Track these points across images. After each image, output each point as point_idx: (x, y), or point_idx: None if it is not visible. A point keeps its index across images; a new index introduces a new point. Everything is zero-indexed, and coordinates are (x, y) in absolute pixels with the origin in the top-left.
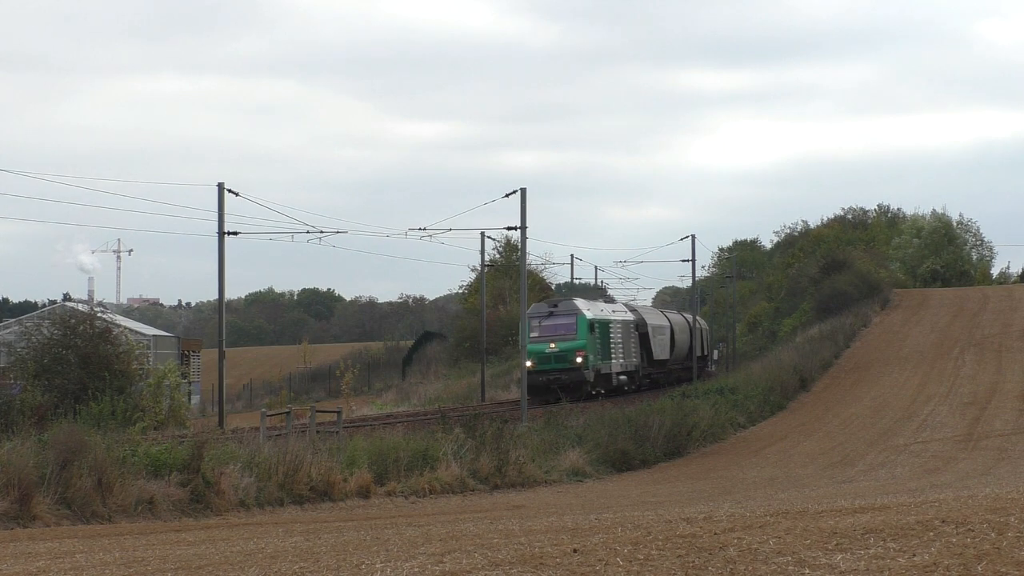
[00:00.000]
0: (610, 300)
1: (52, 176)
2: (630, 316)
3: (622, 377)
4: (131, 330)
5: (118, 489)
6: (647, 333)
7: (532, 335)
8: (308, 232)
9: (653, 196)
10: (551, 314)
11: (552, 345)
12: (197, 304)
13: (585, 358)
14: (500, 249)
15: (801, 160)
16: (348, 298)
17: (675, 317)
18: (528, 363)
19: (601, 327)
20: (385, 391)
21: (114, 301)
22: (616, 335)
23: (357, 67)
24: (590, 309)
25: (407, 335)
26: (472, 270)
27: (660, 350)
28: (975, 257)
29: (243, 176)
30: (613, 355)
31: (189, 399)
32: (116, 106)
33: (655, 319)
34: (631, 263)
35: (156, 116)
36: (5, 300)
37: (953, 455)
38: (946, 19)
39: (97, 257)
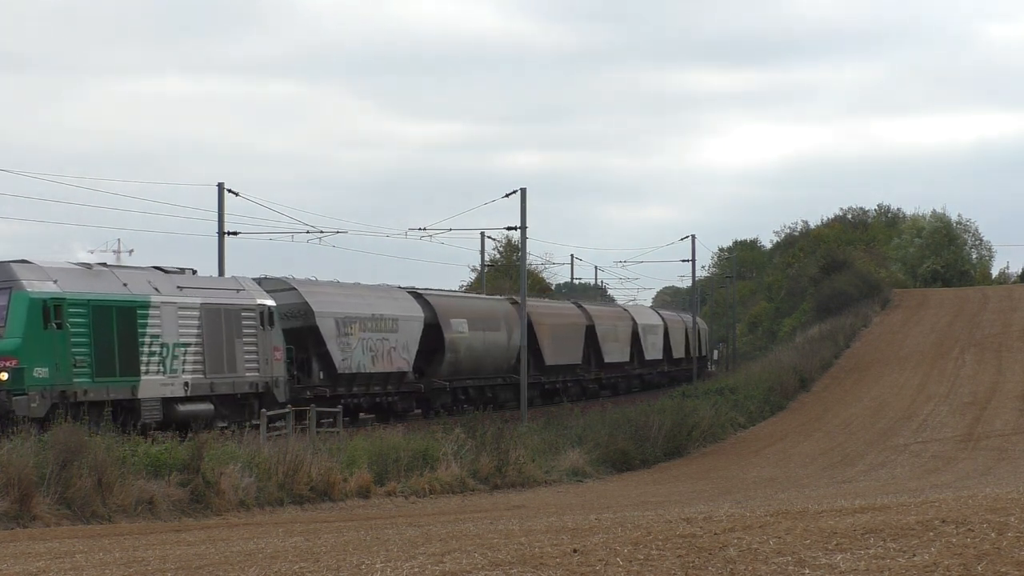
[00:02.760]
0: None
1: (52, 176)
2: (261, 301)
3: (193, 407)
4: None
5: (118, 489)
6: (315, 327)
7: None
8: (308, 232)
9: (653, 196)
10: None
11: None
12: None
13: (20, 373)
14: (500, 249)
15: (801, 160)
16: None
17: (486, 304)
18: None
19: (98, 313)
20: None
21: None
22: (181, 329)
23: (357, 67)
24: (66, 279)
25: None
26: (472, 270)
27: (367, 358)
28: (975, 257)
29: (243, 176)
30: (156, 365)
31: None
32: (117, 107)
33: (341, 304)
34: (631, 263)
35: (157, 116)
36: None
37: (953, 455)
38: (946, 19)
39: (96, 257)
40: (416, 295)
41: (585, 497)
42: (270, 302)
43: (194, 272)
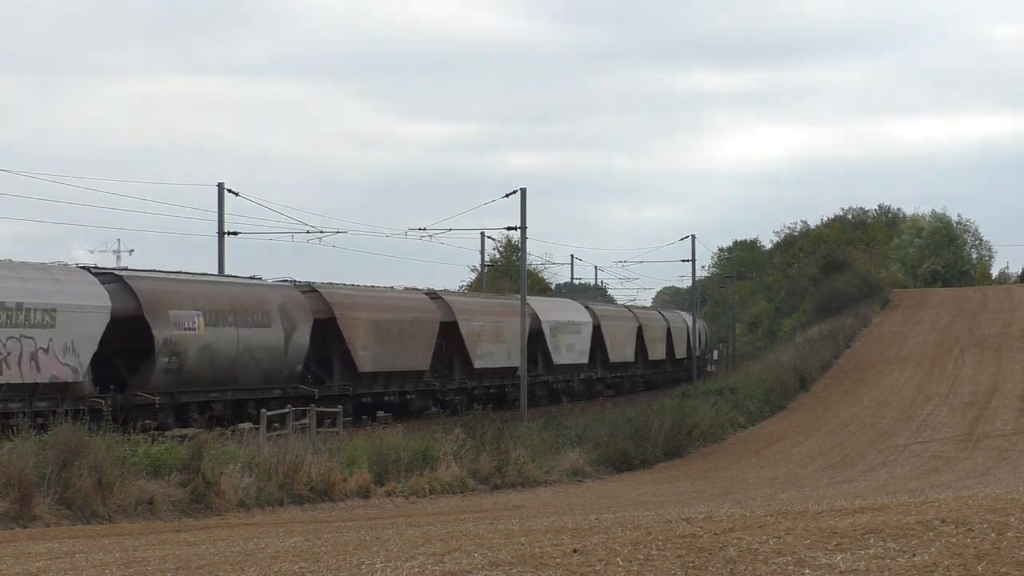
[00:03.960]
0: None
1: (52, 176)
2: None
3: None
4: None
5: (118, 489)
6: None
7: None
8: (308, 232)
9: (653, 196)
10: None
11: None
12: None
13: None
14: (500, 249)
15: (801, 160)
16: None
17: (246, 292)
18: None
19: None
20: None
21: None
22: None
23: (358, 67)
24: None
25: None
26: (472, 270)
27: None
28: (975, 257)
29: (243, 176)
30: None
31: None
32: (117, 107)
33: None
34: (631, 263)
35: (157, 116)
36: None
37: (953, 455)
38: (948, 19)
39: (96, 257)
40: (113, 277)
41: (585, 497)
42: None
43: None
